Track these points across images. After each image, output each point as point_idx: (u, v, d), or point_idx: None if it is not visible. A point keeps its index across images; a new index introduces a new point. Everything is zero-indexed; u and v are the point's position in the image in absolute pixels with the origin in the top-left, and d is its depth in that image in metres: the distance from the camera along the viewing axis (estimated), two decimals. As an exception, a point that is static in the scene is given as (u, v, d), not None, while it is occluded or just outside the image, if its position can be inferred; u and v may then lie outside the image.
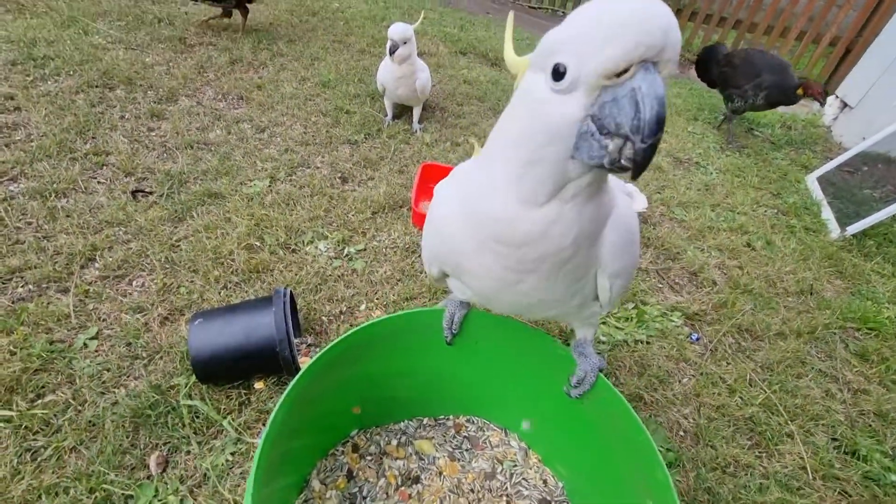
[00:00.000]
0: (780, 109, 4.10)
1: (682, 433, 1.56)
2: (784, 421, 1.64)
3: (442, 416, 1.34)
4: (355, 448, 1.23)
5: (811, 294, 2.28)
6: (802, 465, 1.52)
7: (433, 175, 2.41)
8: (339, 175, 2.48)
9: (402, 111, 3.20)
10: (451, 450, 1.26)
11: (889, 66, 4.18)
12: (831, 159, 3.62)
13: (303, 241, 1.99)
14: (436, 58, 4.21)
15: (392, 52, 2.63)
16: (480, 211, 0.83)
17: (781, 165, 3.66)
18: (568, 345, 1.15)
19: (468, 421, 1.32)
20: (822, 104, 3.53)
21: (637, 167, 0.63)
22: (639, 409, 1.59)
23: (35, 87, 2.65)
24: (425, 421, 1.32)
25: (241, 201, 2.11)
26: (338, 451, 1.22)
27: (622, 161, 0.64)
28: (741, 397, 1.69)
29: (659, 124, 0.59)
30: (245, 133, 2.67)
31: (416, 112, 3.05)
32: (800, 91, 3.43)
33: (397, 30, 2.58)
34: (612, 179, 0.91)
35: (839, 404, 1.75)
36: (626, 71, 0.60)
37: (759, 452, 1.54)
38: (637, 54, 0.58)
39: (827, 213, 3.00)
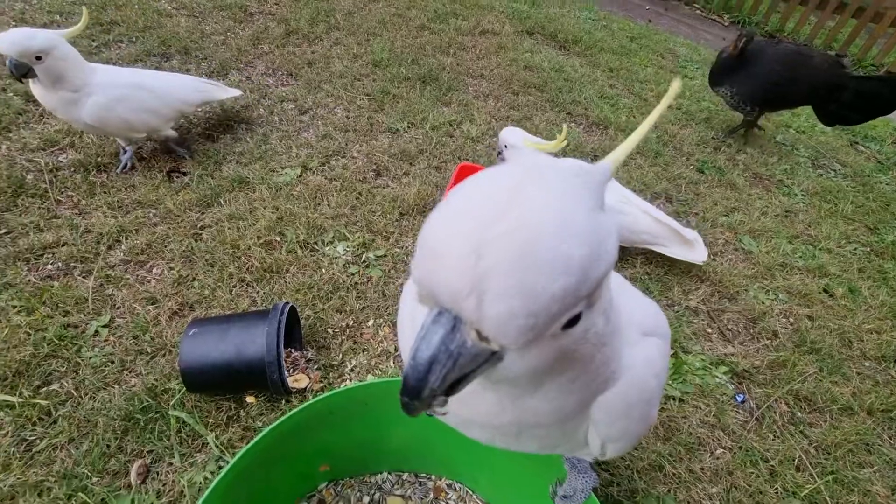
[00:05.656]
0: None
1: (703, 517, 1.37)
2: (833, 522, 1.40)
3: (423, 474, 1.23)
4: (321, 505, 1.15)
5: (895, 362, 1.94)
6: (846, 582, 1.29)
7: (471, 177, 2.24)
8: (374, 168, 2.37)
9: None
10: (424, 519, 1.16)
11: None
12: (954, 189, 3.05)
13: (323, 241, 1.92)
14: (498, 37, 3.93)
15: (21, 77, 1.62)
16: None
17: (885, 192, 3.13)
18: None
19: (450, 486, 1.21)
20: None
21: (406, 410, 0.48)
22: (656, 482, 1.42)
23: (98, 53, 2.73)
24: (405, 476, 1.22)
25: (269, 191, 2.07)
26: (300, 509, 1.15)
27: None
28: (783, 485, 1.46)
29: (408, 392, 0.44)
30: (287, 114, 2.62)
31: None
32: None
33: (6, 40, 1.54)
34: (620, 286, 0.71)
35: (908, 508, 1.48)
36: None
37: (794, 557, 1.33)
38: (425, 295, 0.44)
39: (935, 259, 2.52)
